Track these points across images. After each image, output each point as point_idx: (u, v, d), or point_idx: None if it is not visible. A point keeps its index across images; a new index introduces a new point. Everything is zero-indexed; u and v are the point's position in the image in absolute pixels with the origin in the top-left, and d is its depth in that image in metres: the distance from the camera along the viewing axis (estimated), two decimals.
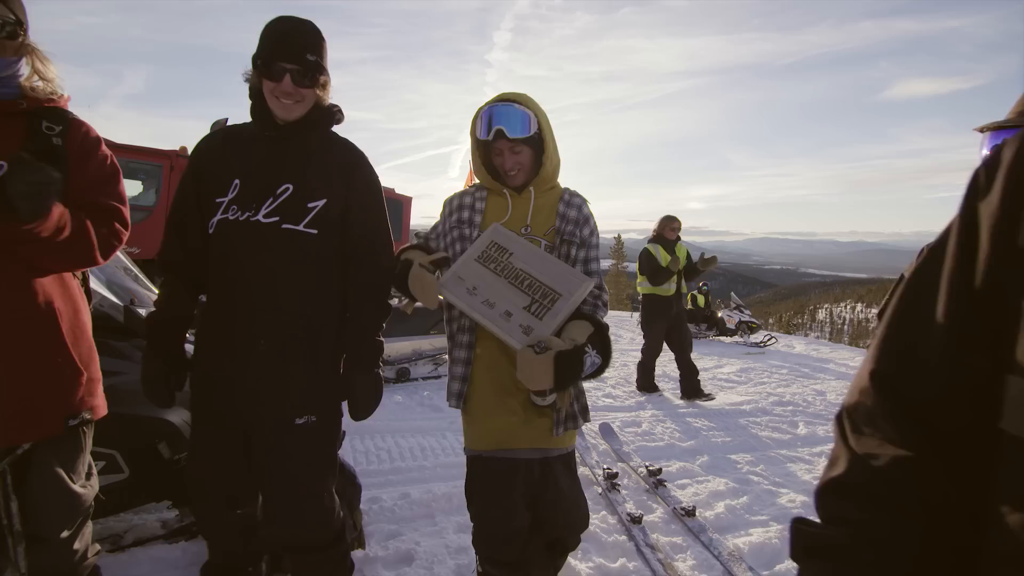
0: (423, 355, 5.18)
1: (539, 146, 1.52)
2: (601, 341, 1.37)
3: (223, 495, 1.52)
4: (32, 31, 1.26)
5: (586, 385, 1.50)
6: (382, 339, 1.52)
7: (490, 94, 1.60)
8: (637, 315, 12.85)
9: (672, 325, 5.22)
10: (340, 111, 1.47)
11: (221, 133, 1.47)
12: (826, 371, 7.42)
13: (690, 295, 10.48)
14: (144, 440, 1.91)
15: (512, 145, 1.48)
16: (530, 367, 1.29)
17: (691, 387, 5.09)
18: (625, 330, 11.07)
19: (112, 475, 1.94)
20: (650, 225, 5.55)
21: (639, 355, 5.55)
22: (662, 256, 5.17)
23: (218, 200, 1.39)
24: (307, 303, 1.43)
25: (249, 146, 1.42)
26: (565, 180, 1.65)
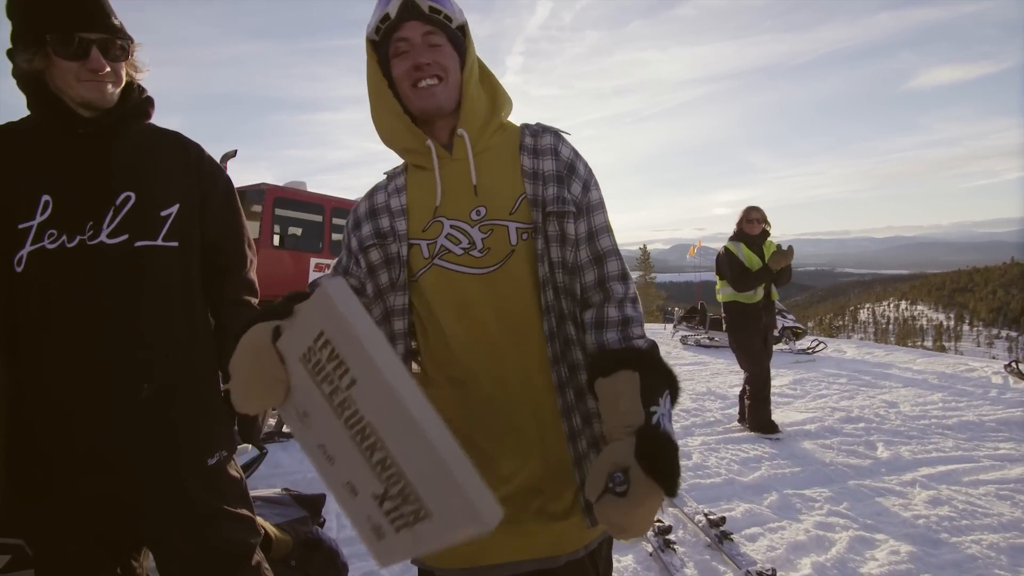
0: None
1: (462, 57, 0.96)
2: (655, 371, 0.82)
3: None
4: None
5: None
6: None
7: None
8: (671, 327, 12.28)
9: (763, 339, 4.26)
10: (152, 100, 1.18)
11: None
12: (890, 377, 6.67)
13: None
14: None
15: (428, 31, 0.91)
16: (622, 519, 0.73)
17: (774, 423, 4.19)
18: (660, 343, 10.42)
19: (19, 572, 1.54)
20: (675, 234, 4.97)
21: (679, 371, 4.94)
22: (745, 255, 4.25)
23: (22, 226, 1.03)
24: (182, 327, 1.18)
25: (49, 149, 1.08)
26: None
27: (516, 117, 1.07)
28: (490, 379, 0.92)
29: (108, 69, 1.05)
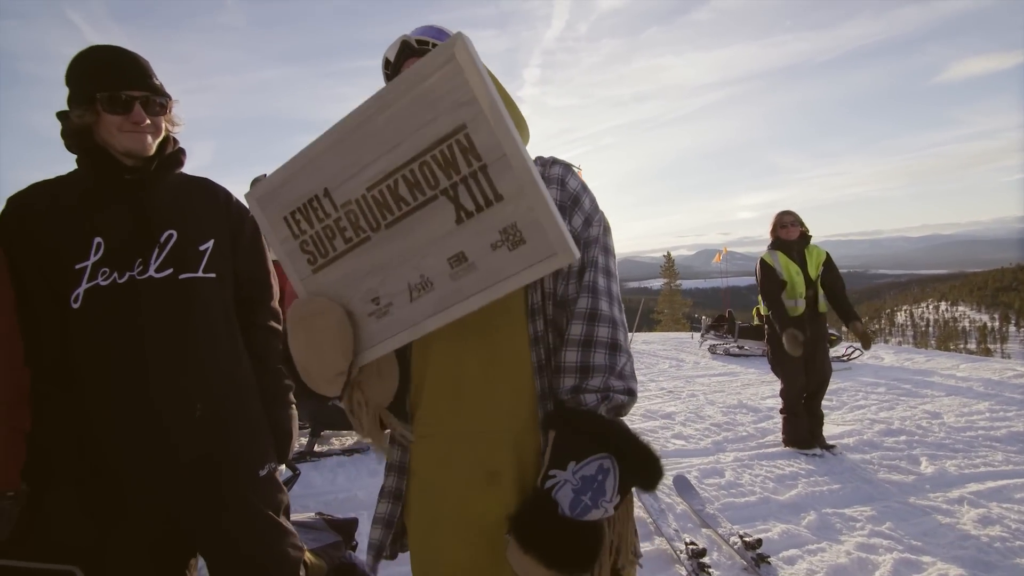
0: None
1: None
2: (580, 432, 0.79)
3: None
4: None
5: (652, 424, 0.84)
6: (287, 373, 1.43)
7: None
8: (698, 335, 12.03)
9: (807, 353, 3.87)
10: (184, 151, 1.32)
11: (41, 189, 1.21)
12: (932, 386, 6.40)
13: (755, 309, 9.38)
14: None
15: None
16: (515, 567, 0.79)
17: (812, 436, 3.96)
18: (687, 353, 10.27)
19: None
20: (700, 240, 4.79)
21: (708, 383, 4.81)
22: (783, 264, 3.91)
23: (78, 266, 1.15)
24: (225, 351, 1.29)
25: (98, 196, 1.21)
26: (603, 202, 0.99)
27: (536, 128, 1.06)
28: (468, 414, 0.89)
29: (148, 122, 1.17)
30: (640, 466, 0.78)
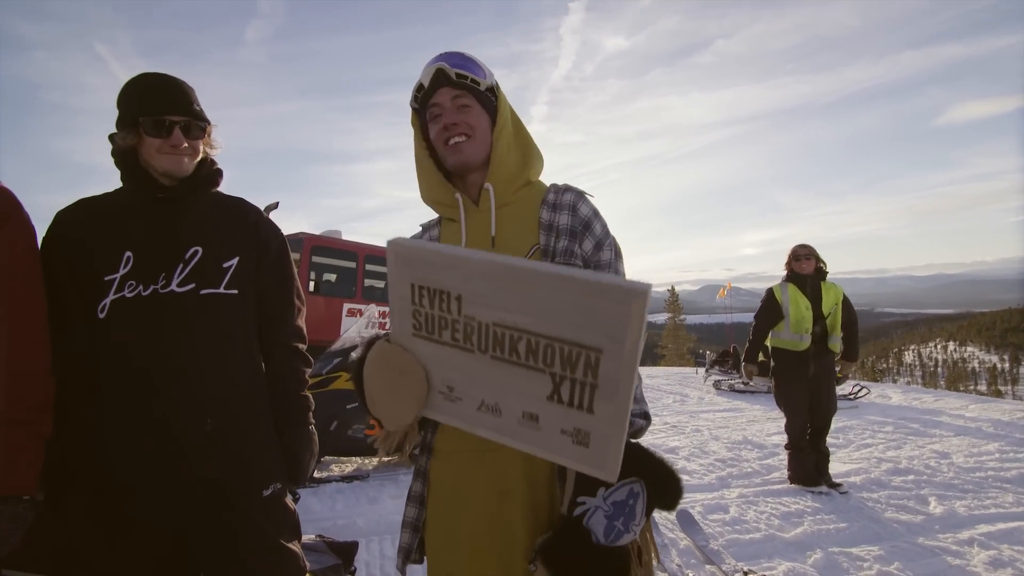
0: None
1: (493, 115, 1.03)
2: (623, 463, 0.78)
3: None
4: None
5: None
6: (308, 394, 1.44)
7: None
8: (703, 371, 11.95)
9: (812, 390, 3.90)
10: (221, 171, 1.36)
11: (84, 205, 1.29)
12: (940, 425, 6.32)
13: None
14: None
15: (456, 95, 0.99)
16: None
17: (818, 473, 3.90)
18: (692, 388, 10.18)
19: None
20: (704, 275, 4.82)
21: (713, 418, 4.77)
22: (791, 297, 3.90)
23: (108, 278, 1.20)
24: (241, 367, 1.30)
25: (133, 213, 1.26)
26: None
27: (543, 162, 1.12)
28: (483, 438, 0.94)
29: (186, 144, 1.24)
30: (663, 487, 0.81)
